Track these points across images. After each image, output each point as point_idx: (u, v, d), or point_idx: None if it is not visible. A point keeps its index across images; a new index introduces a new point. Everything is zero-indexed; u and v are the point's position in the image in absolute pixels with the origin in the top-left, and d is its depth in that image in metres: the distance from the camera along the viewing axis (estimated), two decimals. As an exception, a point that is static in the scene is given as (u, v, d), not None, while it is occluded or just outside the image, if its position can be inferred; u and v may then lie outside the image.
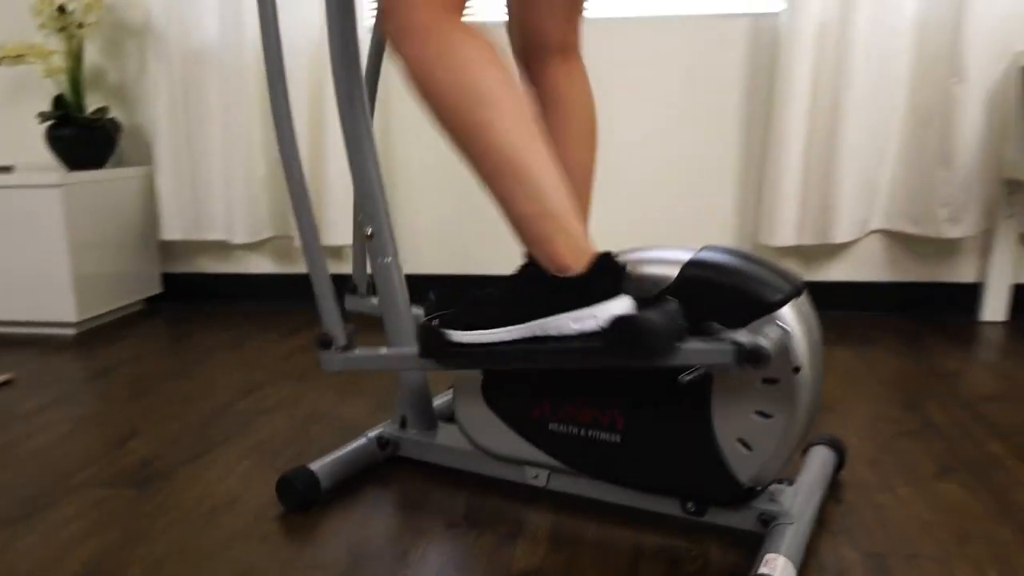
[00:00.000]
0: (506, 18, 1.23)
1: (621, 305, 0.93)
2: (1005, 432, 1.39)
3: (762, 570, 0.91)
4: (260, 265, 2.52)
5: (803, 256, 2.22)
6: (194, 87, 2.34)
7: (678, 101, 2.19)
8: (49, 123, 2.31)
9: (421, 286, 2.34)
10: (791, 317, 0.95)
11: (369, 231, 1.23)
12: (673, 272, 1.00)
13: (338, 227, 2.29)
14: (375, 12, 1.17)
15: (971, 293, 2.16)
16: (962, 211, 2.00)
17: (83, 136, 2.32)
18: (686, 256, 1.01)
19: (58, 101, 2.33)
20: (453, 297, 1.11)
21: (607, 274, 0.93)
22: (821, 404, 1.52)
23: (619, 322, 0.91)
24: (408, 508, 1.17)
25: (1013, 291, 2.13)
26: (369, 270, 1.34)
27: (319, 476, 1.18)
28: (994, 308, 2.11)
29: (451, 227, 2.36)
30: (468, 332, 1.02)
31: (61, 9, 2.17)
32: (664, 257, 1.03)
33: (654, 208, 2.24)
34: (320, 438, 1.43)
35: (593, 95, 1.22)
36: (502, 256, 2.35)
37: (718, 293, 0.97)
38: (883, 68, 2.00)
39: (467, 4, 1.01)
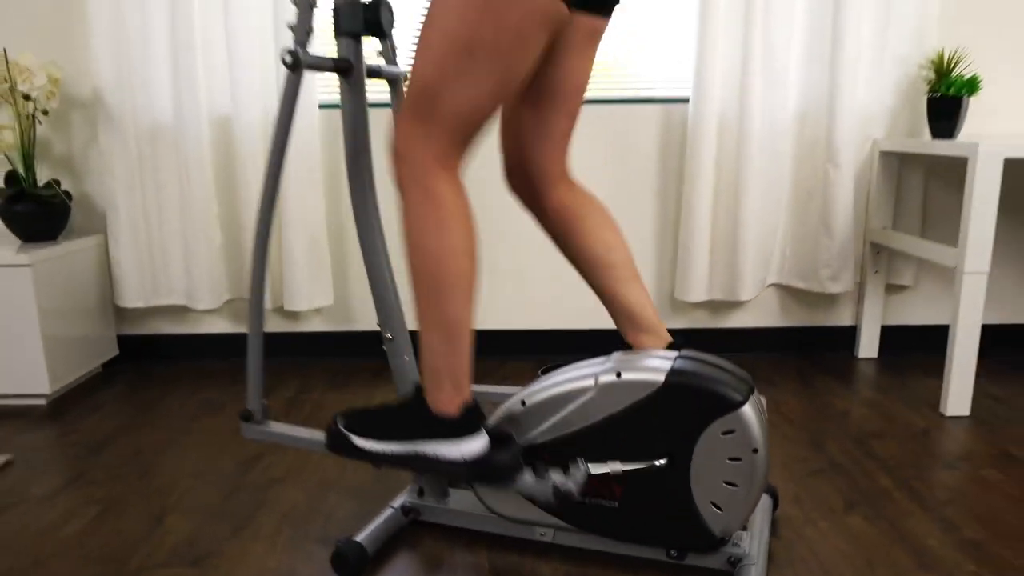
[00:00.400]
0: (505, 166, 1.48)
1: (478, 443, 1.28)
2: (890, 466, 1.77)
3: (740, 604, 1.22)
4: (215, 325, 2.66)
5: (712, 308, 2.59)
6: (149, 161, 2.46)
7: (602, 177, 2.51)
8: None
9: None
10: (749, 411, 1.27)
11: (388, 335, 1.47)
12: (658, 378, 1.30)
13: (299, 295, 2.47)
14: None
15: (849, 334, 2.60)
16: (840, 271, 2.42)
17: (38, 211, 2.40)
18: (667, 365, 1.31)
19: (11, 177, 2.40)
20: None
21: (470, 420, 1.28)
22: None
23: (475, 462, 1.27)
24: (440, 568, 1.42)
25: (881, 332, 2.59)
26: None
27: (366, 546, 1.41)
28: (867, 347, 2.54)
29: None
30: (366, 440, 1.33)
31: (26, 97, 2.25)
32: (649, 365, 1.32)
33: (584, 268, 2.56)
34: (339, 507, 1.65)
35: (589, 190, 1.50)
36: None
37: (695, 397, 1.28)
38: (773, 153, 2.39)
39: (470, 144, 1.27)
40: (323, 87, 2.52)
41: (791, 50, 2.35)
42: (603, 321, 2.59)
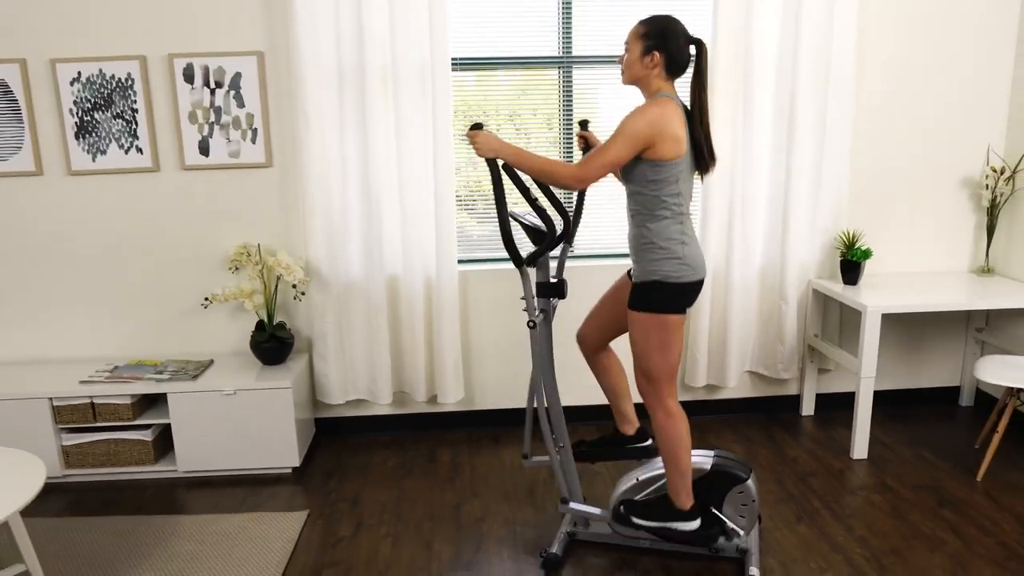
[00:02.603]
0: (580, 339, 2.86)
1: (697, 522, 2.62)
2: (820, 495, 3.20)
3: (751, 571, 2.63)
4: (381, 410, 3.98)
5: (709, 388, 4.01)
6: (344, 305, 3.77)
7: (638, 306, 3.89)
8: (257, 338, 3.67)
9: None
10: (751, 482, 2.66)
11: (561, 444, 2.84)
12: (707, 465, 2.68)
13: (448, 392, 3.81)
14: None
15: (795, 400, 4.04)
16: (789, 364, 3.86)
17: (278, 346, 3.69)
18: (710, 459, 2.70)
19: (260, 325, 3.70)
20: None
21: (695, 511, 2.62)
22: (741, 486, 3.27)
23: (696, 533, 2.62)
24: (591, 559, 2.79)
25: (816, 398, 4.03)
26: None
27: (559, 553, 2.78)
28: (807, 407, 3.99)
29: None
30: (640, 519, 2.67)
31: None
32: (702, 460, 2.71)
33: (627, 364, 3.94)
34: (524, 534, 3.00)
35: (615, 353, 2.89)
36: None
37: (725, 476, 2.66)
38: (746, 294, 3.81)
39: (675, 380, 2.64)
40: (461, 248, 3.85)
41: (757, 227, 3.76)
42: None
